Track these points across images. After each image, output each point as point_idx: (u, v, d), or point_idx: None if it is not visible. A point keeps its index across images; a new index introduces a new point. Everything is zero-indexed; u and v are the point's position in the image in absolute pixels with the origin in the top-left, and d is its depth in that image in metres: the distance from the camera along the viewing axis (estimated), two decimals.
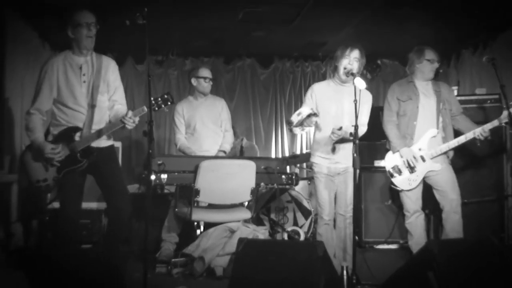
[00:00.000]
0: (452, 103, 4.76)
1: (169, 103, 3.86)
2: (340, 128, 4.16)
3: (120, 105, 4.19)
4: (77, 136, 3.97)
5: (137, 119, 3.87)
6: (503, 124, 4.44)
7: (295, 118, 4.28)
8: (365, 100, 4.39)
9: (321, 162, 4.51)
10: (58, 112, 4.02)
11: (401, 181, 4.67)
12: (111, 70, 4.14)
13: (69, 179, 3.95)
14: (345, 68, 4.34)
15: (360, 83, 3.99)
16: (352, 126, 3.94)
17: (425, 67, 4.67)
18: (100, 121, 4.08)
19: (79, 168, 3.96)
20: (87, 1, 4.13)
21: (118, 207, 4.05)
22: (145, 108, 3.81)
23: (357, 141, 3.90)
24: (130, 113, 3.85)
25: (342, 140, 4.32)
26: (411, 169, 4.62)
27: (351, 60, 4.35)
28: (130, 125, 3.87)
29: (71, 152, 3.95)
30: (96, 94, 4.02)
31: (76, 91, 3.99)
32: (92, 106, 4.01)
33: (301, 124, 4.30)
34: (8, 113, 5.47)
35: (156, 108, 3.83)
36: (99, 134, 4.01)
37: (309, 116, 4.23)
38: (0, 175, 5.00)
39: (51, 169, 3.93)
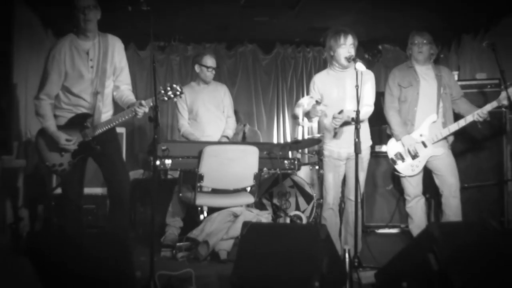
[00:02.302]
0: (453, 87, 4.79)
1: (178, 92, 3.89)
2: (341, 112, 4.19)
3: (126, 86, 4.23)
4: (88, 123, 4.02)
5: (147, 108, 3.91)
6: (503, 108, 4.47)
7: (298, 111, 4.33)
8: (366, 79, 4.38)
9: (331, 147, 4.55)
10: (63, 97, 4.06)
11: (404, 168, 4.72)
12: (117, 50, 4.15)
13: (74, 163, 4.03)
14: (345, 57, 4.36)
15: (360, 66, 4.03)
16: (354, 111, 3.98)
17: (413, 50, 4.72)
18: (107, 105, 4.15)
19: (92, 154, 4.05)
20: None
21: (122, 188, 4.12)
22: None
23: (359, 126, 3.94)
24: (144, 102, 3.88)
25: (346, 124, 4.35)
26: (413, 155, 4.66)
27: (348, 47, 4.38)
28: (140, 114, 3.93)
29: (84, 139, 4.01)
30: (104, 79, 4.06)
31: (84, 77, 4.02)
32: (100, 91, 4.04)
33: (307, 115, 4.34)
34: (17, 99, 5.51)
35: (166, 99, 3.86)
36: (110, 122, 4.06)
37: (313, 106, 4.27)
38: (9, 160, 5.04)
39: (66, 154, 4.00)
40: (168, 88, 3.87)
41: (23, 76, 5.71)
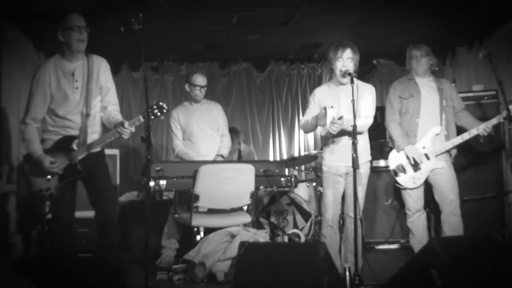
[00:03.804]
0: (455, 99, 4.76)
1: (164, 111, 3.83)
2: (340, 118, 4.13)
3: (113, 106, 4.17)
4: (74, 145, 3.95)
5: (133, 128, 3.85)
6: (501, 120, 4.43)
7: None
8: (366, 93, 4.37)
9: (330, 162, 4.49)
10: (49, 120, 4.00)
11: (405, 180, 4.65)
12: (102, 70, 4.10)
13: (61, 187, 3.95)
14: (340, 70, 4.33)
15: (355, 81, 4.01)
16: (351, 126, 3.93)
17: (412, 64, 4.71)
18: (94, 125, 4.08)
19: (80, 177, 3.97)
20: (81, 8, 4.11)
21: (108, 212, 4.04)
22: (141, 118, 3.83)
23: (356, 141, 3.88)
24: (126, 124, 3.82)
25: (342, 133, 4.29)
26: (415, 167, 4.61)
27: (345, 61, 4.34)
28: (126, 135, 3.86)
29: (71, 161, 3.94)
30: (90, 100, 4.00)
31: (69, 98, 3.96)
32: (86, 112, 3.99)
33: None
34: (5, 123, 5.43)
35: (152, 117, 3.79)
36: (97, 143, 4.00)
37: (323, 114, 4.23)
38: None
39: (53, 178, 3.93)
40: (154, 106, 3.81)
41: (15, 100, 5.65)
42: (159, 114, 3.81)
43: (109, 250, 4.01)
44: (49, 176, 3.92)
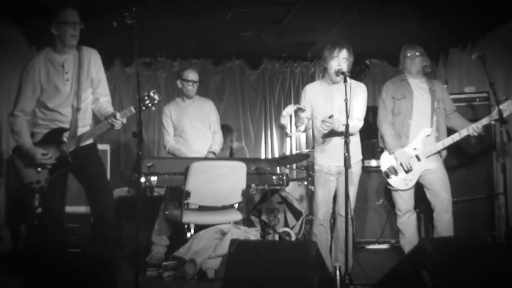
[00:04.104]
0: (446, 101, 4.77)
1: (156, 101, 3.82)
2: (331, 116, 4.12)
3: (104, 98, 4.14)
4: (64, 137, 3.92)
5: (124, 119, 3.84)
6: (492, 122, 4.44)
7: (284, 121, 4.28)
8: (357, 92, 4.36)
9: (322, 161, 4.48)
10: (39, 113, 3.97)
11: (397, 182, 4.66)
12: (93, 61, 4.06)
13: (52, 180, 3.92)
14: (335, 70, 4.32)
15: (349, 80, 4.00)
16: (343, 125, 3.92)
17: (406, 63, 4.71)
18: (85, 118, 4.05)
19: (70, 169, 3.94)
20: (75, 2, 4.07)
21: (104, 206, 4.00)
22: (133, 109, 3.80)
23: (348, 140, 3.88)
24: (118, 115, 3.81)
25: (333, 133, 4.28)
26: (407, 168, 4.61)
27: (340, 60, 4.33)
28: (118, 126, 3.84)
29: (61, 154, 3.91)
30: (81, 92, 3.97)
31: (60, 91, 3.93)
32: (77, 104, 3.95)
33: (296, 124, 4.29)
34: None
35: (144, 108, 3.78)
36: (88, 135, 3.97)
37: (296, 113, 4.22)
38: None
39: (43, 171, 3.89)
40: (146, 97, 3.81)
41: (6, 94, 5.61)
42: (150, 105, 3.81)
43: (102, 246, 3.97)
44: (39, 169, 3.88)
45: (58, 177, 3.94)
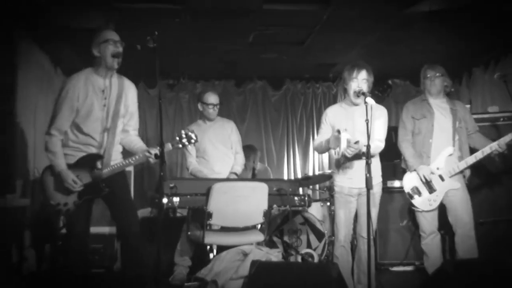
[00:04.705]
0: (468, 121, 4.73)
1: (192, 141, 3.87)
2: (357, 142, 4.11)
3: (134, 132, 4.18)
4: (99, 164, 3.92)
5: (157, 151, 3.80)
6: None
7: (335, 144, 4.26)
8: (378, 115, 4.36)
9: (342, 183, 4.47)
10: (71, 135, 3.95)
11: (421, 202, 4.61)
12: (131, 94, 4.10)
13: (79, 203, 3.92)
14: (354, 91, 4.32)
15: (369, 100, 3.98)
16: (364, 145, 3.91)
17: (426, 84, 4.69)
18: (116, 145, 4.06)
19: (100, 196, 3.94)
20: (98, 25, 4.16)
21: (133, 231, 4.00)
22: (170, 146, 3.86)
23: (370, 161, 3.86)
24: (155, 150, 3.81)
25: (356, 157, 4.27)
26: (430, 189, 4.56)
27: (360, 82, 4.33)
28: (153, 161, 3.88)
29: (94, 180, 3.91)
30: (117, 119, 3.97)
31: (95, 115, 3.92)
32: (111, 131, 3.96)
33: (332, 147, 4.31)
34: (21, 137, 5.47)
35: (180, 146, 3.85)
36: (122, 166, 3.98)
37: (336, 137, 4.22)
38: (12, 199, 4.98)
39: (72, 194, 3.89)
40: (183, 135, 3.85)
41: (31, 114, 5.71)
42: (187, 143, 3.86)
43: (129, 265, 3.98)
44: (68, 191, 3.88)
45: (85, 201, 3.94)
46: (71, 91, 3.87)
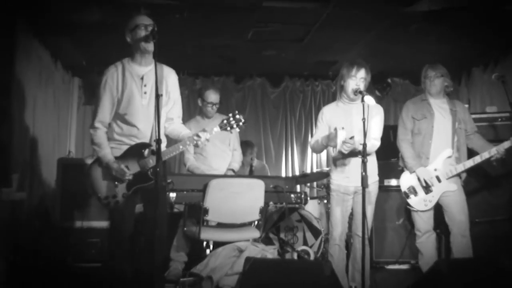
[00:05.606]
0: (467, 122, 4.74)
1: (241, 123, 3.82)
2: (352, 137, 4.12)
3: (178, 119, 4.08)
4: (146, 152, 3.80)
5: (208, 135, 3.78)
6: None
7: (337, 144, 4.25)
8: (375, 113, 4.35)
9: (338, 181, 4.49)
10: (116, 127, 3.86)
11: (416, 202, 4.63)
12: (172, 81, 3.99)
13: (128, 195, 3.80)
14: (352, 89, 4.33)
15: (369, 100, 3.98)
16: (361, 144, 3.92)
17: (426, 84, 4.69)
18: (161, 135, 3.84)
19: (149, 186, 3.72)
20: (97, 20, 4.15)
21: (158, 227, 3.67)
22: (218, 129, 3.81)
23: (365, 159, 3.87)
24: (206, 135, 3.74)
25: (352, 154, 4.28)
26: (427, 189, 4.58)
27: (358, 80, 4.33)
28: (201, 144, 3.80)
29: (142, 169, 3.79)
30: (160, 106, 3.71)
31: (136, 104, 3.82)
32: (156, 119, 3.67)
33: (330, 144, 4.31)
34: (18, 131, 5.46)
35: (228, 128, 3.80)
36: (169, 152, 3.85)
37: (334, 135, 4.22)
38: (9, 192, 4.98)
39: (121, 185, 3.78)
40: (231, 118, 3.81)
41: (30, 108, 5.71)
42: (235, 126, 3.81)
43: (147, 266, 3.82)
44: (117, 182, 3.78)
45: (133, 193, 3.82)
46: (109, 81, 3.80)
